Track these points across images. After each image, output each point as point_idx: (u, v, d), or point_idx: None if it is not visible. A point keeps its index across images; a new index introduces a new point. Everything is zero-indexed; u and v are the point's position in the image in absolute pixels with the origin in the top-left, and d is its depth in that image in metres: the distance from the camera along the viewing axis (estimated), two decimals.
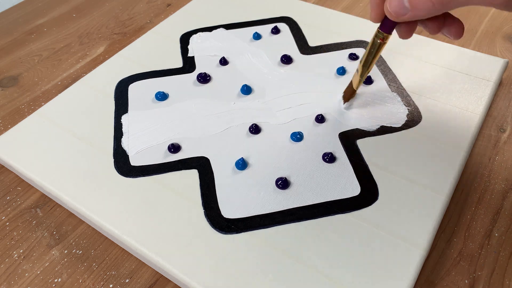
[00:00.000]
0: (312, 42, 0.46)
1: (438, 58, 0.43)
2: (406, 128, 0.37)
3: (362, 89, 0.40)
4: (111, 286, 0.30)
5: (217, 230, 0.31)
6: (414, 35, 0.46)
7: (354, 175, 0.34)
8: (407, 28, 0.30)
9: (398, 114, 0.38)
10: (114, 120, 0.39)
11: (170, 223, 0.31)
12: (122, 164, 0.35)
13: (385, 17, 0.30)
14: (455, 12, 0.28)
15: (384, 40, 0.32)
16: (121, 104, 0.40)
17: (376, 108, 0.39)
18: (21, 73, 0.47)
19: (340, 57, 0.44)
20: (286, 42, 0.46)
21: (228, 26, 0.49)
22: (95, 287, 0.30)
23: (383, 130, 0.37)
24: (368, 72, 0.35)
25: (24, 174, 0.35)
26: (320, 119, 0.38)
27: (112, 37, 0.51)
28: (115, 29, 0.52)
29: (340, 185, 0.33)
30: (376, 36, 0.33)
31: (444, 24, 0.29)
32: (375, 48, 0.33)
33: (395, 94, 0.40)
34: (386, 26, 0.31)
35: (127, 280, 0.30)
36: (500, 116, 0.40)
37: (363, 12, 0.52)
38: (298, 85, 0.41)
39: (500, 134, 0.38)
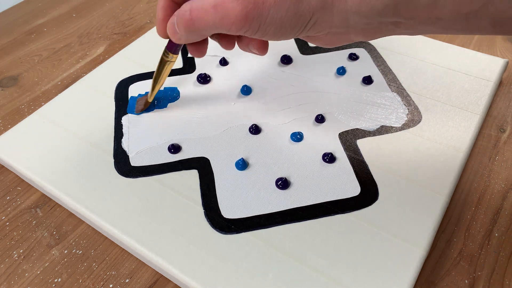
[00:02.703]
0: None
1: (438, 58, 0.43)
2: (406, 128, 0.37)
3: (362, 89, 0.40)
4: (111, 286, 0.30)
5: (217, 230, 0.31)
6: (414, 35, 0.46)
7: (354, 175, 0.34)
8: (195, 48, 0.30)
9: (398, 114, 0.38)
10: (114, 120, 0.39)
11: (170, 223, 0.31)
12: (122, 164, 0.35)
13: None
14: None
15: (169, 59, 0.33)
16: (121, 105, 0.40)
17: (376, 108, 0.39)
18: (21, 73, 0.47)
19: (340, 57, 0.44)
20: (286, 42, 0.46)
21: None
22: (95, 287, 0.30)
23: (383, 130, 0.37)
24: (159, 87, 0.36)
25: (24, 174, 0.35)
26: (320, 119, 0.38)
27: (112, 37, 0.51)
28: (115, 29, 0.52)
29: (340, 185, 0.33)
30: (163, 54, 0.33)
31: (240, 41, 0.30)
32: (162, 66, 0.34)
33: (395, 94, 0.40)
34: (171, 46, 0.32)
35: (127, 280, 0.30)
36: (500, 116, 0.40)
37: None
38: (298, 85, 0.41)
39: (500, 134, 0.38)
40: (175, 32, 0.27)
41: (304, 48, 0.45)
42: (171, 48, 0.32)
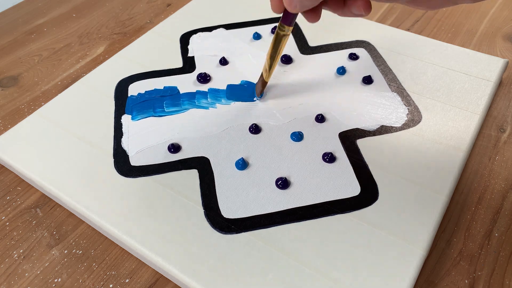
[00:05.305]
0: (312, 42, 0.46)
1: (438, 58, 0.43)
2: (406, 128, 0.37)
3: (362, 89, 0.40)
4: (111, 286, 0.30)
5: (217, 230, 0.31)
6: (414, 35, 0.46)
7: (354, 175, 0.34)
8: (310, 15, 0.30)
9: (398, 114, 0.38)
10: (114, 120, 0.39)
11: (170, 223, 0.31)
12: (122, 164, 0.35)
13: (285, 9, 0.30)
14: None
15: (286, 32, 0.33)
16: (121, 104, 0.40)
17: (376, 108, 0.39)
18: (21, 73, 0.47)
19: (340, 57, 0.44)
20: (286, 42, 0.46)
21: (228, 26, 0.49)
22: (95, 287, 0.30)
23: (383, 130, 0.37)
24: (276, 64, 0.36)
25: (24, 174, 0.35)
26: (320, 119, 0.38)
27: (112, 37, 0.51)
28: (115, 29, 0.52)
29: (340, 185, 0.33)
30: (279, 28, 0.33)
31: (346, 4, 0.30)
32: (279, 40, 0.34)
33: (395, 94, 0.40)
34: (286, 19, 0.32)
35: (127, 280, 0.30)
36: (500, 116, 0.40)
37: None
38: (298, 85, 0.41)
39: (500, 134, 0.38)
40: (291, 2, 0.28)
41: (304, 48, 0.45)
42: (287, 20, 0.32)
